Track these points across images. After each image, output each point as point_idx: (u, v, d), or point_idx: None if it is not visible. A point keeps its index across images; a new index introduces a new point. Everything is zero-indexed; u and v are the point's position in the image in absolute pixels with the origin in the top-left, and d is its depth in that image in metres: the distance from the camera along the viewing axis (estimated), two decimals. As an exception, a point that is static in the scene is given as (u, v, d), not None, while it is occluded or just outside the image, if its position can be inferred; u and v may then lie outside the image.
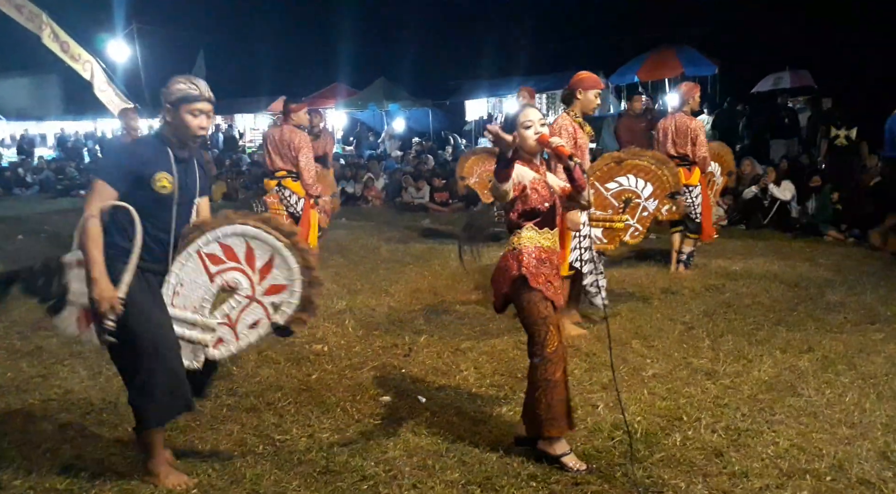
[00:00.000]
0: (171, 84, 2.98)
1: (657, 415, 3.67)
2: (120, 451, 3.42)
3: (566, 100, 4.93)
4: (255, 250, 3.08)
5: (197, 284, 3.07)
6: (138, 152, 3.03)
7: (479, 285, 6.52)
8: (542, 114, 3.22)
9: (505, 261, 3.23)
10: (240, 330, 3.13)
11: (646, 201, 4.83)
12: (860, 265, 7.03)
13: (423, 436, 3.50)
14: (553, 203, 3.21)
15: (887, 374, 4.15)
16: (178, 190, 3.02)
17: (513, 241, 3.22)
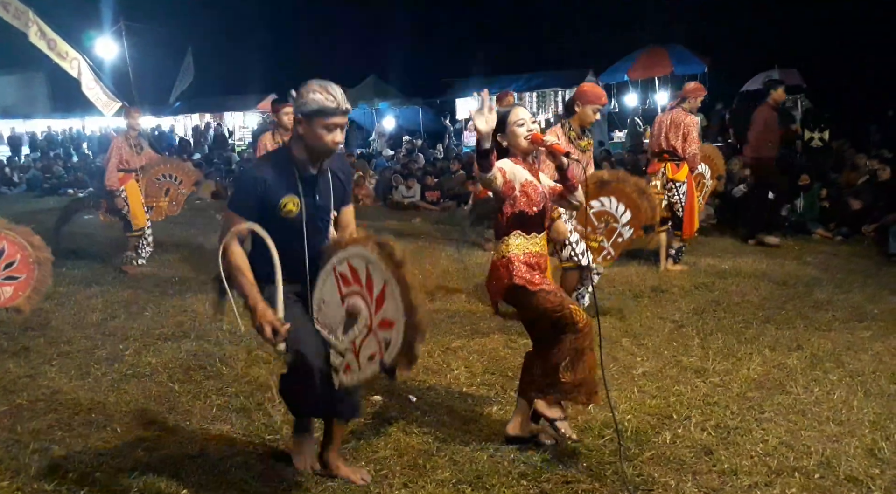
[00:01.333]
0: (304, 92, 2.76)
1: (647, 414, 3.68)
2: (109, 451, 3.40)
3: (567, 109, 4.93)
4: (373, 276, 2.69)
5: (334, 304, 2.82)
6: (263, 178, 2.83)
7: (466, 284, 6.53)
8: (532, 112, 3.22)
9: (495, 270, 3.21)
10: (361, 360, 2.76)
11: (622, 227, 4.81)
12: (848, 263, 7.07)
13: (414, 436, 3.49)
14: (542, 207, 3.19)
15: (874, 372, 4.17)
16: (306, 210, 2.86)
17: (501, 249, 3.20)
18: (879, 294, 5.87)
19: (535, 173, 3.25)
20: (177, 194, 7.59)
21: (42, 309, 5.91)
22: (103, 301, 6.15)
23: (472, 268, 7.18)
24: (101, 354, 4.78)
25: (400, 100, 22.47)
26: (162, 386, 4.21)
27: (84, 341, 5.08)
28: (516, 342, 4.86)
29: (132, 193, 7.30)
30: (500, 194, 3.13)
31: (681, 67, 18.13)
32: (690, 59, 18.19)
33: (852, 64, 17.32)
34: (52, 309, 5.92)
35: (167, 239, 8.68)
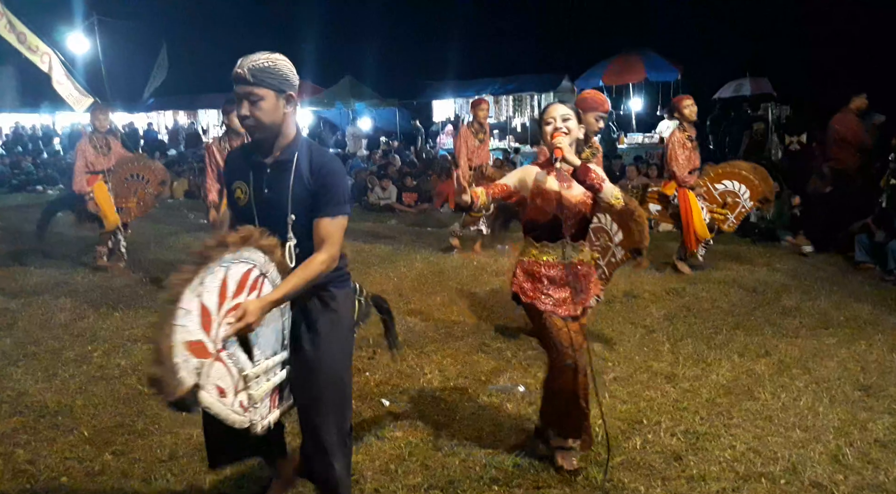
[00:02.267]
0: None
1: (618, 419, 3.72)
2: (76, 455, 3.35)
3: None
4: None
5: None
6: (228, 161, 2.71)
7: (441, 288, 6.54)
8: (571, 109, 3.11)
9: (511, 270, 3.31)
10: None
11: (615, 247, 4.83)
12: (815, 270, 7.20)
13: (386, 440, 3.49)
14: (554, 217, 3.08)
15: (839, 378, 4.26)
16: (255, 200, 2.53)
17: (517, 252, 3.30)
18: (845, 301, 5.99)
19: (566, 179, 3.13)
20: (145, 194, 7.48)
21: (8, 309, 5.82)
22: (72, 301, 6.05)
23: (448, 272, 7.19)
24: (69, 355, 4.71)
25: (376, 101, 22.39)
26: (131, 389, 4.15)
27: (51, 342, 4.99)
28: (490, 346, 4.89)
29: (100, 195, 7.18)
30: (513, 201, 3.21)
31: (654, 74, 18.34)
32: (664, 65, 18.40)
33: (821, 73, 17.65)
34: (19, 309, 5.81)
35: (138, 238, 8.57)
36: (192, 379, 2.13)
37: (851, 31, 18.11)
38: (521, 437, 3.51)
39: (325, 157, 2.53)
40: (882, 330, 5.21)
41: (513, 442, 3.46)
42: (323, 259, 2.43)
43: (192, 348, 2.15)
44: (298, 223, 2.49)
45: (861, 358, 4.61)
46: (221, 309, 2.26)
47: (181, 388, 2.08)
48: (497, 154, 16.65)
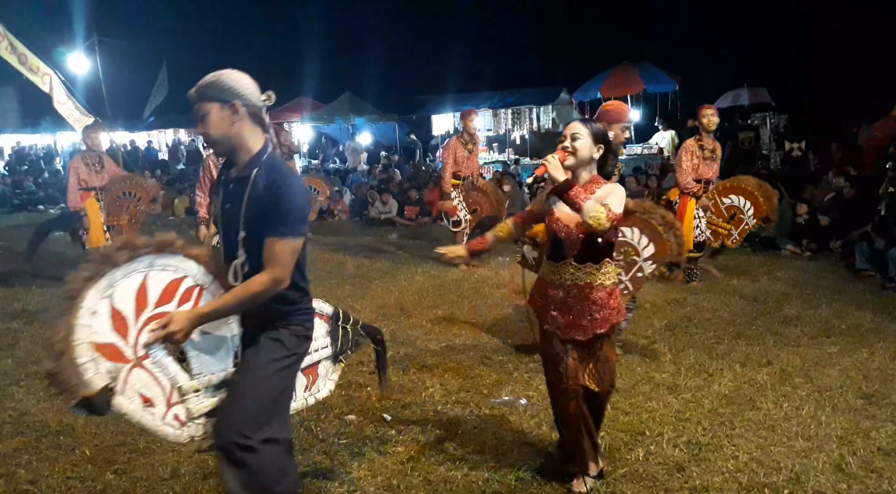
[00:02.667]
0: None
1: (620, 430, 3.71)
2: (77, 475, 3.35)
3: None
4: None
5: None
6: (217, 176, 2.68)
7: (442, 301, 6.54)
8: (587, 128, 3.01)
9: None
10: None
11: (643, 261, 4.78)
12: (816, 279, 7.20)
13: (388, 455, 3.49)
14: (559, 236, 3.05)
15: (842, 387, 4.25)
16: (220, 217, 2.53)
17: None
18: (846, 309, 5.98)
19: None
20: (136, 211, 7.51)
21: (10, 329, 5.82)
22: (73, 320, 6.05)
23: (449, 285, 7.19)
24: (71, 375, 4.70)
25: (376, 116, 22.50)
26: (133, 407, 4.14)
27: (53, 361, 4.98)
28: (491, 359, 4.88)
29: (91, 212, 7.23)
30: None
31: (652, 85, 18.43)
32: (662, 77, 18.50)
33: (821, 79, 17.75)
34: (21, 329, 5.82)
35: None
36: (103, 382, 2.14)
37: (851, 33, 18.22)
38: (523, 451, 3.51)
39: (281, 175, 2.41)
40: (884, 337, 5.20)
41: (515, 456, 3.45)
42: (263, 280, 2.36)
43: (103, 350, 2.17)
44: (249, 240, 2.42)
45: (863, 367, 4.60)
46: (141, 316, 2.30)
47: (88, 389, 2.09)
48: (497, 166, 16.69)
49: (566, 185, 2.90)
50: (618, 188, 2.97)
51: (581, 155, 3.00)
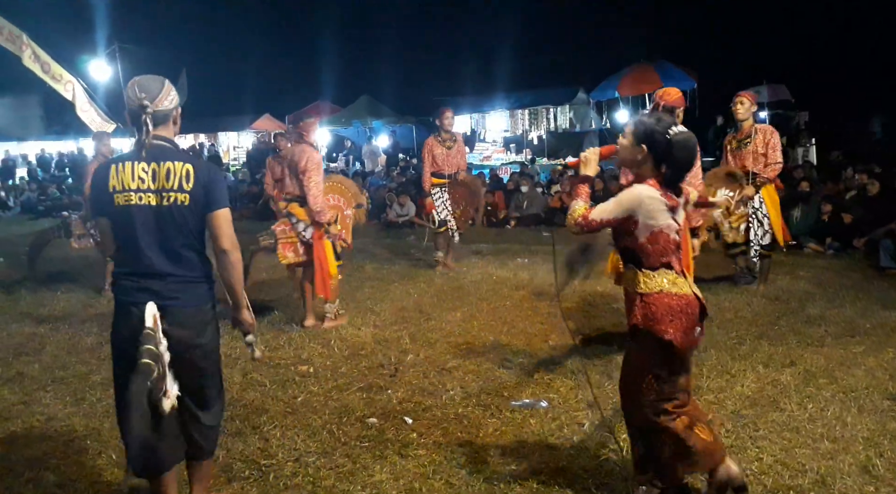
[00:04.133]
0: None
1: (642, 433, 3.68)
2: (104, 479, 3.39)
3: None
4: None
5: None
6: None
7: (461, 303, 6.54)
8: (634, 125, 2.86)
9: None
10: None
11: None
12: (840, 277, 7.11)
13: (410, 459, 3.50)
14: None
15: (867, 387, 4.20)
16: None
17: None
18: (871, 308, 5.91)
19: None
20: None
21: (36, 335, 5.91)
22: (98, 325, 6.13)
23: (467, 287, 7.20)
24: (96, 379, 4.77)
25: (393, 118, 22.59)
26: (157, 411, 4.19)
27: (79, 366, 5.07)
28: (511, 361, 4.88)
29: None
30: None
31: (670, 83, 18.27)
32: (679, 75, 18.37)
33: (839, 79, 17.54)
34: (47, 335, 5.91)
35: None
36: None
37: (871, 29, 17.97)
38: (545, 454, 3.50)
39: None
40: (910, 337, 5.13)
41: (537, 459, 3.44)
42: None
43: None
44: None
45: (889, 367, 4.54)
46: None
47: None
48: (514, 167, 16.67)
49: (579, 180, 2.91)
50: (624, 194, 2.83)
51: (620, 155, 2.93)
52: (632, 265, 2.92)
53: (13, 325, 6.24)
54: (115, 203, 2.68)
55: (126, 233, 2.71)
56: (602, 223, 2.82)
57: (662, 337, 2.79)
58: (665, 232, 2.82)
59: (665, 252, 2.84)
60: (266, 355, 5.19)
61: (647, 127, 2.81)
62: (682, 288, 2.86)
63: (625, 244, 2.89)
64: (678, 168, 2.82)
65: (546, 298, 6.63)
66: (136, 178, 2.68)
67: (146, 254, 2.69)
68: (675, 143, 2.77)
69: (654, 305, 2.82)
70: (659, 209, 2.79)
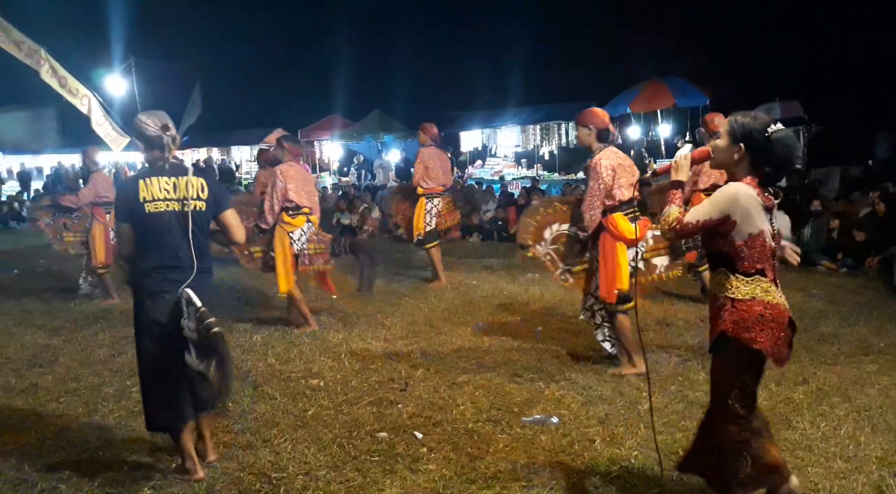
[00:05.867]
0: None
1: (653, 449, 3.66)
2: (116, 490, 3.41)
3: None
4: None
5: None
6: None
7: (472, 318, 6.55)
8: (735, 118, 2.77)
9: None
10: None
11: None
12: (853, 295, 7.07)
13: (420, 473, 3.49)
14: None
15: (881, 407, 4.16)
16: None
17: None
18: (885, 327, 5.86)
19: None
20: None
21: (49, 346, 5.96)
22: (110, 337, 6.18)
23: (478, 302, 7.20)
24: (109, 391, 4.80)
25: (405, 133, 22.70)
26: (169, 424, 4.21)
27: (91, 378, 5.10)
28: (522, 376, 4.87)
29: (96, 230, 7.62)
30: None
31: (682, 99, 18.32)
32: (692, 91, 18.38)
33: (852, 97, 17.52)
34: (60, 346, 5.96)
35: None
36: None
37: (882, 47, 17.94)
38: (556, 470, 3.49)
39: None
40: (925, 355, 5.09)
41: (547, 476, 3.43)
42: None
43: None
44: None
45: (903, 386, 4.50)
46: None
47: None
48: (525, 182, 16.71)
49: (671, 186, 2.87)
50: (718, 194, 2.74)
51: (715, 157, 2.85)
52: (723, 269, 2.82)
53: (27, 336, 6.30)
54: (147, 210, 3.34)
55: (156, 235, 3.36)
56: (698, 225, 2.76)
57: (751, 345, 2.73)
58: (762, 236, 2.74)
59: (761, 258, 2.76)
60: (276, 368, 5.22)
61: (745, 126, 2.74)
62: (774, 297, 2.79)
63: (718, 247, 2.80)
64: (779, 166, 2.75)
65: (556, 314, 6.62)
66: (162, 190, 3.37)
67: (173, 251, 3.35)
68: (774, 141, 2.70)
69: (745, 312, 2.74)
70: (756, 209, 2.71)
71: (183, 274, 3.33)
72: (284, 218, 6.17)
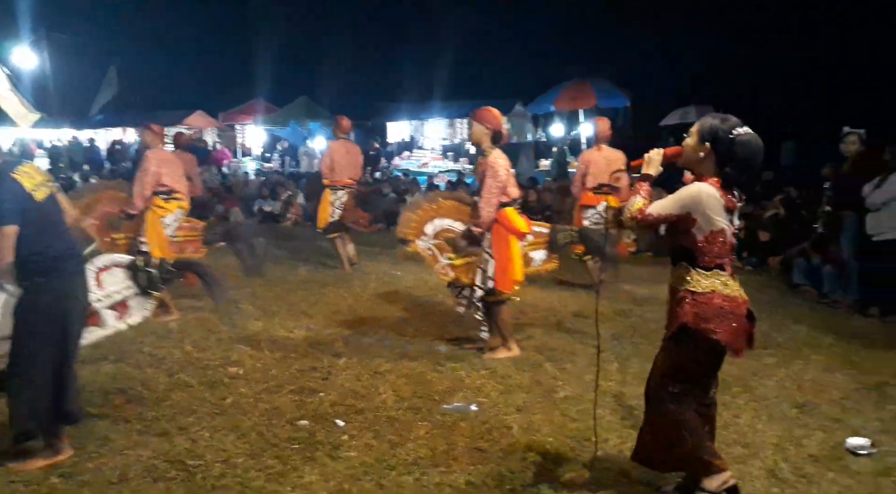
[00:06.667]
0: None
1: (568, 436, 3.81)
2: (21, 479, 3.28)
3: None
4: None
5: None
6: None
7: (395, 307, 6.59)
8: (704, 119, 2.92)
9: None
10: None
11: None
12: (756, 293, 7.43)
13: (340, 460, 3.51)
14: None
15: (777, 396, 4.45)
16: None
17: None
18: (783, 322, 6.24)
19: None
20: None
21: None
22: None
23: (402, 292, 7.24)
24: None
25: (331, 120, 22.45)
26: (78, 411, 4.07)
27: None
28: (443, 366, 4.95)
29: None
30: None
31: (604, 101, 18.85)
32: (613, 92, 18.94)
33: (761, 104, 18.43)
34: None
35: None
36: None
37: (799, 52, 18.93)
38: (475, 455, 3.57)
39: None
40: (817, 350, 5.46)
41: (467, 460, 3.51)
42: None
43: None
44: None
45: (797, 377, 4.83)
46: None
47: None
48: (452, 175, 16.83)
49: (641, 178, 2.98)
50: (682, 191, 2.88)
51: (684, 154, 2.98)
52: (684, 263, 2.96)
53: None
54: (35, 199, 3.29)
55: (49, 221, 3.37)
56: (658, 218, 2.88)
57: (711, 336, 2.86)
58: (723, 233, 2.88)
59: (721, 253, 2.90)
60: (193, 356, 5.11)
61: (713, 126, 2.86)
62: (733, 290, 2.93)
63: (679, 242, 2.93)
64: (739, 168, 2.85)
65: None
66: (37, 174, 3.41)
67: (65, 236, 3.44)
68: (738, 143, 2.80)
69: (706, 304, 2.87)
70: (717, 208, 2.84)
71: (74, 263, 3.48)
72: (157, 202, 6.11)
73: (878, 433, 3.92)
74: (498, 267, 4.98)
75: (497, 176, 4.88)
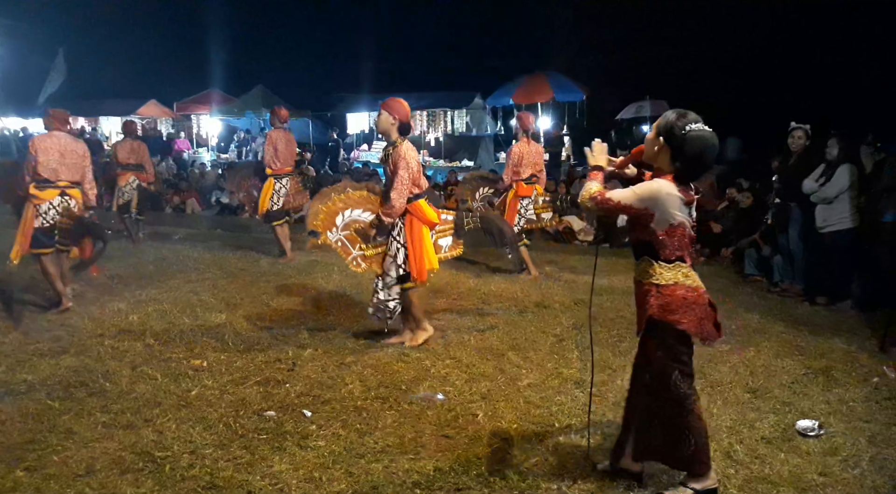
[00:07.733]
0: None
1: (532, 422, 3.91)
2: (-17, 474, 3.24)
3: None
4: None
5: None
6: None
7: (359, 299, 6.61)
8: (665, 116, 2.95)
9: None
10: None
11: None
12: (709, 282, 7.53)
13: (309, 450, 3.55)
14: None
15: (731, 382, 4.63)
16: None
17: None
18: (736, 311, 6.46)
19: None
20: None
21: None
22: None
23: (366, 283, 7.25)
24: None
25: (290, 111, 22.22)
26: (40, 404, 4.02)
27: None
28: (409, 356, 5.01)
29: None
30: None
31: (561, 94, 19.08)
32: (570, 86, 19.17)
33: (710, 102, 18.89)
34: None
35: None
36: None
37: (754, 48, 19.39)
38: (441, 443, 3.65)
39: None
40: (768, 337, 5.68)
41: (434, 448, 3.58)
42: None
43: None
44: None
45: (750, 364, 5.01)
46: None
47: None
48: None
49: (592, 169, 3.09)
50: (641, 186, 2.94)
51: (646, 149, 3.04)
52: (647, 257, 3.03)
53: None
54: None
55: None
56: (617, 205, 2.93)
57: (677, 326, 2.96)
58: (682, 227, 2.96)
59: (681, 246, 2.98)
60: (156, 349, 5.07)
61: (668, 121, 2.91)
62: (694, 281, 3.03)
63: (640, 236, 3.00)
64: (689, 164, 2.90)
65: (442, 295, 6.80)
66: None
67: None
68: (689, 139, 2.84)
69: (670, 296, 2.97)
70: (675, 204, 2.90)
71: None
72: (32, 190, 6.08)
73: (826, 415, 4.12)
74: (411, 256, 5.10)
75: (409, 167, 5.00)
